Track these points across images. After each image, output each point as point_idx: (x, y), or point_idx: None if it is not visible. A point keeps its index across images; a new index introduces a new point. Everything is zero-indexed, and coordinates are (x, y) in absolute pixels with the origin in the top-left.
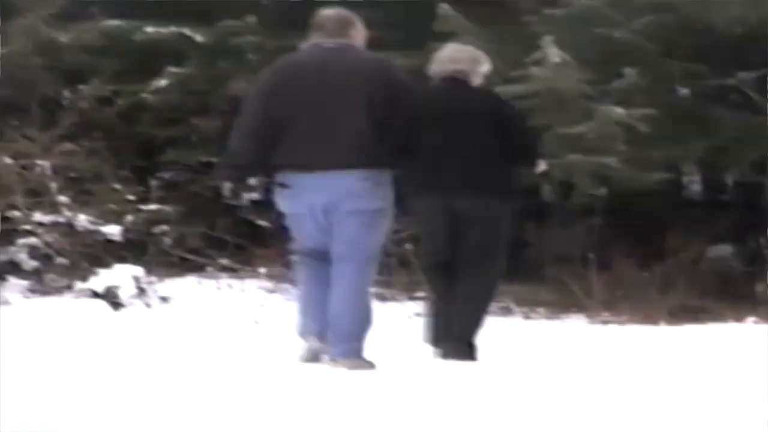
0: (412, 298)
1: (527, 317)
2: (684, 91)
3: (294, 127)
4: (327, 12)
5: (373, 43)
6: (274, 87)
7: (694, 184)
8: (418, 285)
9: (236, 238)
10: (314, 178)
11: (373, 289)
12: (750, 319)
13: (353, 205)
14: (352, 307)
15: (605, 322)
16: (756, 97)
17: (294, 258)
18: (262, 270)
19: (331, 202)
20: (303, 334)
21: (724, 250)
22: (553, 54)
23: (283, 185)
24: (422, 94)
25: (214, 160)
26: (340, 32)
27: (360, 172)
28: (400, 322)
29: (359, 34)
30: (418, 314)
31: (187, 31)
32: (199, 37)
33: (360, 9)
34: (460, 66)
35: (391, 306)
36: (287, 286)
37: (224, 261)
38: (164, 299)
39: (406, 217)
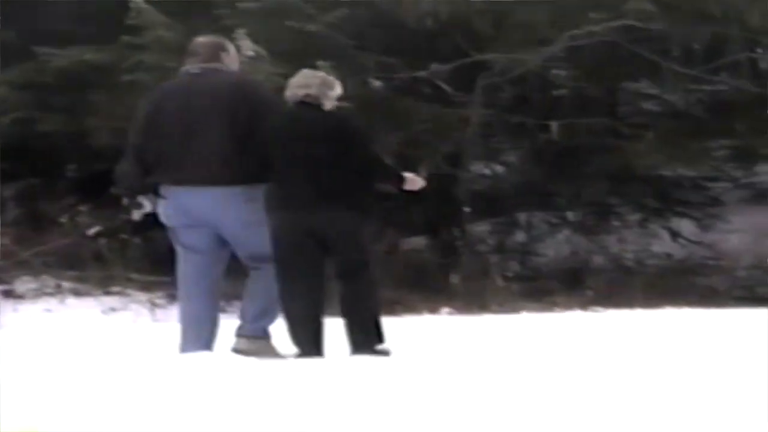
0: (107, 293)
1: (223, 311)
2: (377, 84)
3: (167, 147)
4: (199, 39)
5: (63, 38)
6: (150, 113)
7: None
8: (112, 280)
9: None
10: (186, 192)
11: (68, 285)
12: (444, 311)
13: (225, 217)
14: (251, 297)
15: None
16: (448, 90)
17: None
18: None
19: (206, 213)
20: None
21: (419, 242)
22: (247, 47)
23: (160, 196)
24: (276, 118)
25: None
26: (211, 57)
27: (225, 188)
28: (94, 317)
29: (231, 58)
30: (113, 309)
31: None
32: None
33: (48, 3)
34: (311, 91)
35: (86, 301)
36: None
37: None
38: None
39: None
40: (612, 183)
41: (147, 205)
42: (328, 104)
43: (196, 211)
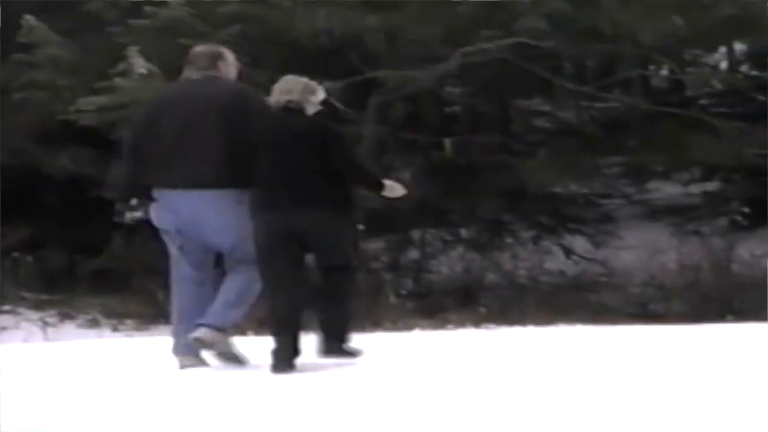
0: None
1: (115, 329)
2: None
3: (161, 151)
4: (198, 48)
5: None
6: (146, 119)
7: None
8: (4, 299)
9: None
10: (177, 195)
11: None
12: None
13: (215, 221)
14: (222, 295)
15: None
16: (341, 107)
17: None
18: None
19: (195, 216)
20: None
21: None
22: (139, 65)
23: (151, 199)
24: (261, 123)
25: None
26: (209, 65)
27: (216, 191)
28: None
29: (228, 67)
30: (4, 328)
31: None
32: None
33: None
34: (293, 96)
35: None
36: None
37: None
38: None
39: None
40: (505, 200)
41: (140, 210)
42: (311, 109)
43: (186, 213)
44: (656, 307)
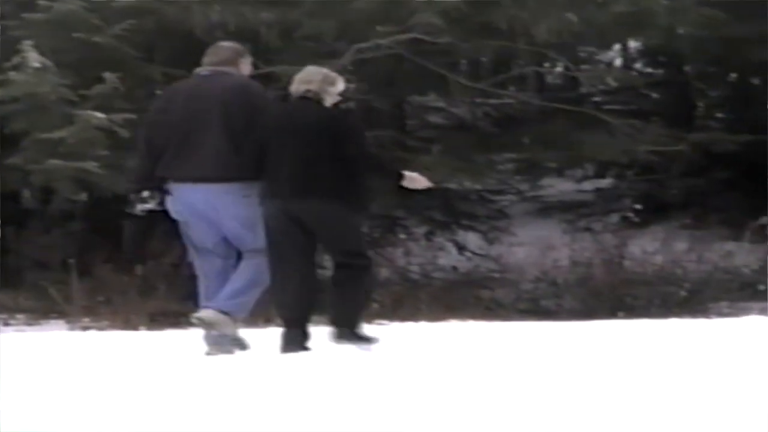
0: None
1: (6, 324)
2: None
3: (172, 145)
4: (217, 43)
5: None
6: (158, 112)
7: None
8: None
9: None
10: (187, 188)
11: None
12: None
13: (225, 213)
14: (233, 284)
15: (85, 328)
16: None
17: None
18: None
19: (204, 208)
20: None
21: None
22: (33, 58)
23: (167, 192)
24: (276, 111)
25: None
26: (228, 61)
27: (222, 185)
28: None
29: (245, 64)
30: None
31: None
32: None
33: None
34: (312, 86)
35: None
36: None
37: None
38: None
39: None
40: (398, 196)
41: (151, 202)
42: (329, 100)
43: (198, 205)
44: (548, 304)
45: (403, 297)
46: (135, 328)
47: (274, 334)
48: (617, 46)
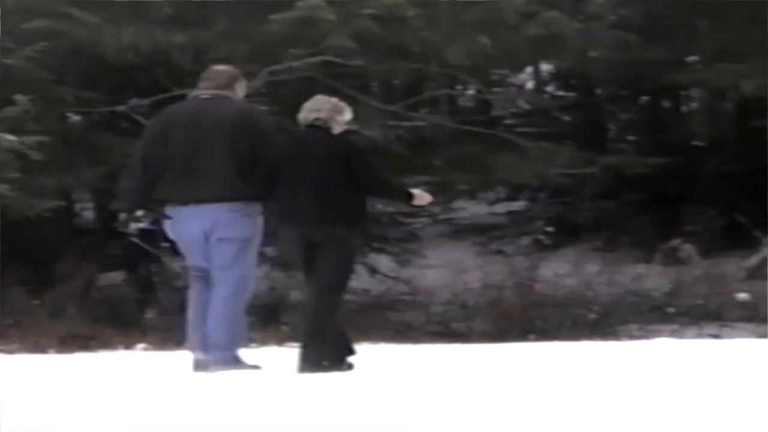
0: None
1: None
2: (75, 118)
3: (171, 167)
4: (213, 66)
5: None
6: (155, 134)
7: (86, 211)
8: None
9: None
10: (189, 210)
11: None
12: (140, 346)
13: (223, 234)
14: (223, 322)
15: None
16: (148, 124)
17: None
18: None
19: (205, 231)
20: (190, 347)
21: (116, 277)
22: None
23: (166, 217)
24: (287, 139)
25: None
26: (225, 84)
27: (225, 205)
28: None
29: (240, 87)
30: None
31: None
32: None
33: None
34: (321, 115)
35: None
36: None
37: None
38: None
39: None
40: None
41: (144, 221)
42: (337, 128)
43: (199, 227)
44: (459, 326)
45: None
46: (44, 351)
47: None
48: (529, 69)
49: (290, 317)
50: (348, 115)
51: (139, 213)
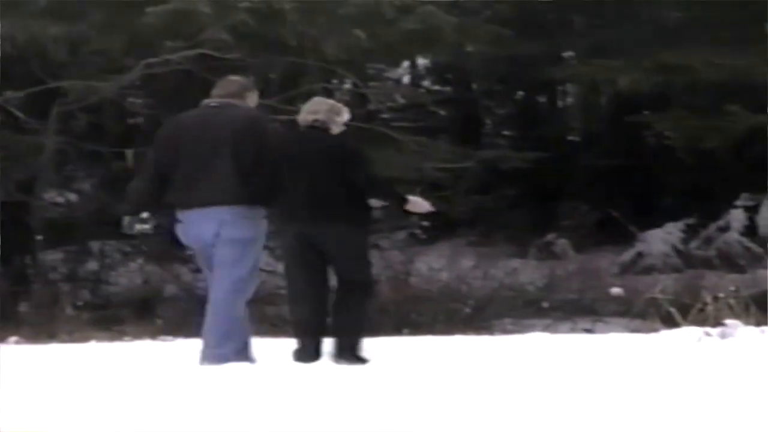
0: None
1: None
2: None
3: (179, 172)
4: (230, 77)
5: None
6: (166, 139)
7: None
8: None
9: None
10: (194, 214)
11: None
12: (12, 339)
13: (224, 235)
14: (219, 321)
15: None
16: (22, 116)
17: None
18: None
19: (212, 233)
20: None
21: None
22: None
23: (177, 220)
24: (287, 140)
25: None
26: (235, 94)
27: (228, 207)
28: None
29: (251, 97)
30: None
31: None
32: None
33: None
34: (319, 116)
35: None
36: None
37: None
38: None
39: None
40: None
41: (149, 224)
42: (336, 129)
43: (205, 230)
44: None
45: (189, 313)
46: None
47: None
48: (406, 64)
49: (165, 311)
50: (346, 115)
51: (144, 215)
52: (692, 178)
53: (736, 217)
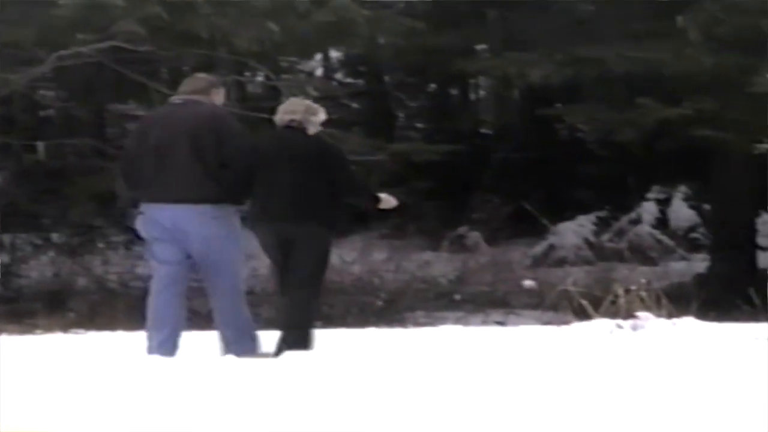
0: None
1: None
2: None
3: (148, 168)
4: (197, 74)
5: None
6: (137, 136)
7: None
8: None
9: None
10: (155, 208)
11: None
12: None
13: (194, 234)
14: (231, 321)
15: None
16: None
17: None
18: None
19: (168, 229)
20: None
21: None
22: None
23: (140, 213)
24: (263, 140)
25: None
26: (201, 90)
27: (192, 206)
28: None
29: (218, 94)
30: None
31: None
32: None
33: None
34: (296, 116)
35: None
36: None
37: None
38: None
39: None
40: (97, 204)
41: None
42: (312, 129)
43: (167, 225)
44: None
45: (101, 306)
46: None
47: None
48: (318, 56)
49: (76, 304)
50: (322, 116)
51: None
52: (604, 170)
53: (648, 209)
